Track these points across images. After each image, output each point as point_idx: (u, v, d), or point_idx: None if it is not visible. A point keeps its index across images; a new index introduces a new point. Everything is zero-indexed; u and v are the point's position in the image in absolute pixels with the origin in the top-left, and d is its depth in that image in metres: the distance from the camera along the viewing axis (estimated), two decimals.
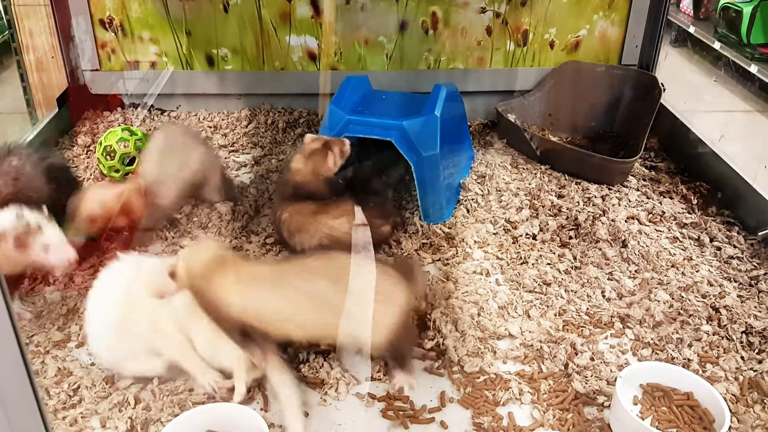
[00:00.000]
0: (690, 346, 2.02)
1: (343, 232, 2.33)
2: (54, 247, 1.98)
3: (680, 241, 2.51)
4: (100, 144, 2.80)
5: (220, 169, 2.69)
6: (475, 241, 2.50)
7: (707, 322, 2.11)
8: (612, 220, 2.59)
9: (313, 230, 2.33)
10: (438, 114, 2.54)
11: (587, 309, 2.18)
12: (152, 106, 3.43)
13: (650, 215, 2.65)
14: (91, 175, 2.87)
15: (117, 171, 2.78)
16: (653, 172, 2.98)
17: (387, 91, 2.96)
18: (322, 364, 1.94)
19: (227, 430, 1.71)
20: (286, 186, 2.47)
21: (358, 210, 2.36)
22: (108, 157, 2.78)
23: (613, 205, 2.71)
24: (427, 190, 2.55)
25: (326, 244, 2.33)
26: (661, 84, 3.05)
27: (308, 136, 2.46)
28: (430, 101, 2.63)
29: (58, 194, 2.31)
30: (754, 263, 2.38)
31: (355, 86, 2.80)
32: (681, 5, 5.36)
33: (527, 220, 2.61)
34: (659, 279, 2.30)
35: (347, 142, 2.42)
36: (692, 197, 2.77)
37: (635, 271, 2.35)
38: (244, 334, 1.79)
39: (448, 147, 2.66)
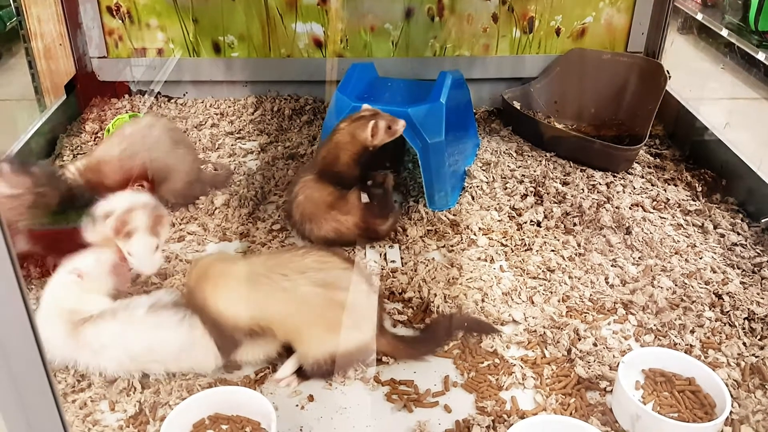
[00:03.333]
0: (692, 332, 2.04)
1: (346, 228, 2.39)
2: (136, 255, 1.99)
3: (684, 228, 2.52)
4: (108, 131, 2.82)
5: (187, 173, 2.62)
6: (479, 228, 2.52)
7: (710, 309, 2.12)
8: (616, 207, 2.60)
9: (324, 222, 2.39)
10: (443, 101, 2.55)
11: (591, 295, 2.20)
12: (159, 93, 3.44)
13: (654, 202, 2.66)
14: None
15: None
16: (658, 160, 2.98)
17: (393, 78, 2.96)
18: None
19: (234, 412, 1.74)
20: (321, 149, 2.46)
21: (361, 208, 2.40)
22: None
23: (617, 192, 2.72)
24: (432, 177, 2.57)
25: (331, 238, 2.40)
26: (667, 71, 3.04)
27: (365, 106, 2.45)
28: (436, 88, 2.64)
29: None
30: (757, 250, 2.39)
31: (361, 73, 2.80)
32: None
33: (532, 207, 2.62)
34: (663, 266, 2.31)
35: (401, 122, 2.38)
36: (697, 184, 2.77)
37: (639, 257, 2.37)
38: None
39: (453, 134, 2.67)
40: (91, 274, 1.94)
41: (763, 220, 2.49)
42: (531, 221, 2.55)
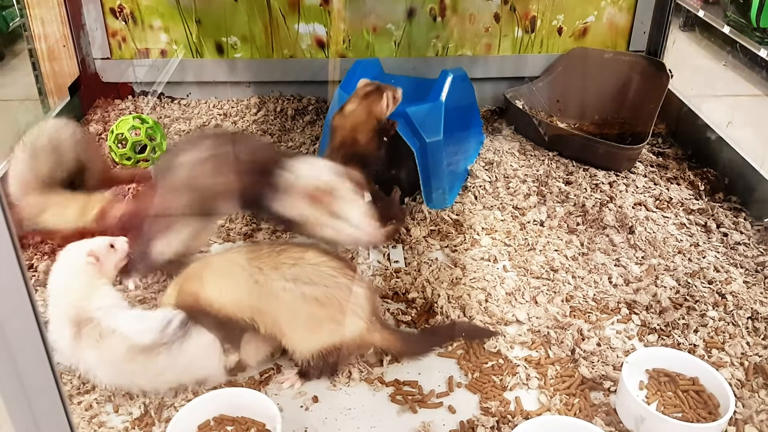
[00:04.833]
0: (696, 331, 2.04)
1: None
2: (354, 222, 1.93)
3: (687, 228, 2.53)
4: (112, 132, 2.83)
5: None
6: (482, 228, 2.52)
7: (713, 308, 2.12)
8: (619, 207, 2.60)
9: None
10: (443, 100, 2.55)
11: (594, 295, 2.20)
12: (162, 93, 3.45)
13: (657, 201, 2.66)
14: None
15: (129, 159, 2.81)
16: (661, 159, 2.99)
17: (396, 75, 2.96)
18: None
19: (239, 414, 1.74)
20: (335, 134, 2.42)
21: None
22: (120, 145, 2.80)
23: (620, 191, 2.72)
24: (430, 176, 2.57)
25: None
26: (669, 70, 3.04)
27: (362, 80, 2.47)
28: (437, 87, 2.64)
29: None
30: (760, 249, 2.39)
31: (364, 71, 2.79)
32: None
33: (535, 206, 2.63)
34: (666, 265, 2.32)
35: (399, 89, 2.43)
36: (699, 183, 2.78)
37: (642, 257, 2.37)
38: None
39: (454, 132, 2.67)
40: (104, 259, 1.92)
41: (766, 219, 2.49)
42: (534, 221, 2.56)
